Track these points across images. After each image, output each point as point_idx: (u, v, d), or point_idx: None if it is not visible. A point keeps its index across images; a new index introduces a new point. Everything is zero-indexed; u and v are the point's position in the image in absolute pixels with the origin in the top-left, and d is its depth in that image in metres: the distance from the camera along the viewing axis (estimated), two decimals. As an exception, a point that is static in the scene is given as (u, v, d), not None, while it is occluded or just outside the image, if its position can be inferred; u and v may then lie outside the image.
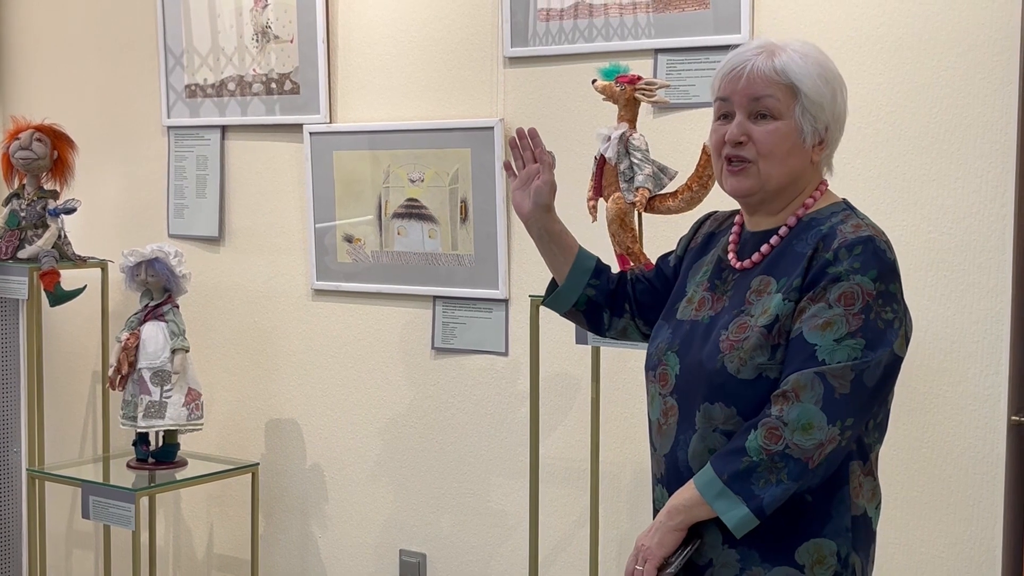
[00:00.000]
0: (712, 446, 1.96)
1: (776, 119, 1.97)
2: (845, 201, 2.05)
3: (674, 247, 2.32)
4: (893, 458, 3.00)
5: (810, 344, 1.87)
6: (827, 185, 2.07)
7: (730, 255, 2.09)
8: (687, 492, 1.93)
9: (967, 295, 2.91)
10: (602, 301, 2.28)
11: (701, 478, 1.91)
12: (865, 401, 1.88)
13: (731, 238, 2.11)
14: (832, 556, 1.91)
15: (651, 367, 2.13)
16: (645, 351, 2.18)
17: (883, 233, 1.97)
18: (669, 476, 2.04)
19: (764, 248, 2.02)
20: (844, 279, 1.88)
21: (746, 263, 2.04)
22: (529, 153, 2.24)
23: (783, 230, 2.01)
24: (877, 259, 1.89)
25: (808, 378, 1.85)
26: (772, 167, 1.99)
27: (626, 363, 3.30)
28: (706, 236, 2.21)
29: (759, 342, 1.93)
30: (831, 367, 1.85)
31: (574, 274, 2.27)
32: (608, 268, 2.33)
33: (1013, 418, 2.87)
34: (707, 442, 1.96)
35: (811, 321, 1.88)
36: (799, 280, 1.92)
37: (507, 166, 2.29)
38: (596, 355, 3.13)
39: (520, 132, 2.25)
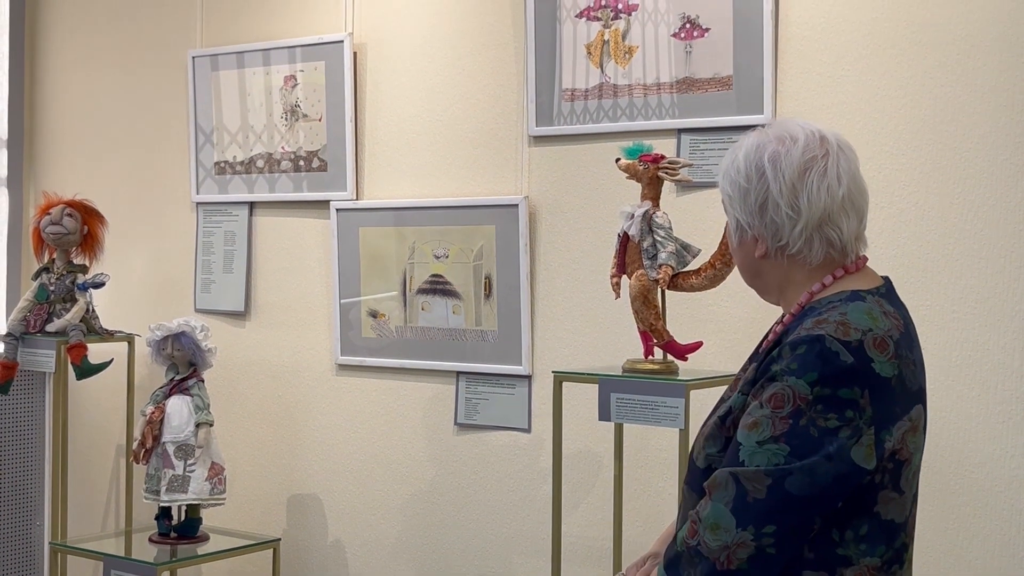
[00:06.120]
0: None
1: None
2: (853, 292, 1.89)
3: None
4: (917, 541, 2.96)
5: (738, 442, 1.81)
6: (852, 270, 1.93)
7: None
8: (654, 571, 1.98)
9: (992, 376, 2.89)
10: None
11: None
12: (791, 509, 1.76)
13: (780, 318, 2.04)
14: None
15: None
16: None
17: (860, 332, 1.79)
18: None
19: (771, 334, 1.97)
20: (779, 379, 1.79)
21: (764, 345, 1.99)
22: None
23: (787, 317, 1.94)
24: (821, 361, 1.76)
25: (723, 477, 1.80)
26: (735, 261, 2.03)
27: (649, 441, 3.29)
28: None
29: (712, 432, 1.92)
30: (745, 469, 1.77)
31: None
32: None
33: (1040, 500, 2.84)
34: (682, 521, 1.94)
35: (745, 418, 1.82)
36: (753, 373, 1.87)
37: None
38: (619, 432, 3.12)
39: None
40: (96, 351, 3.92)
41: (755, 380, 1.85)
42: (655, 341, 2.90)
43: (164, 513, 3.73)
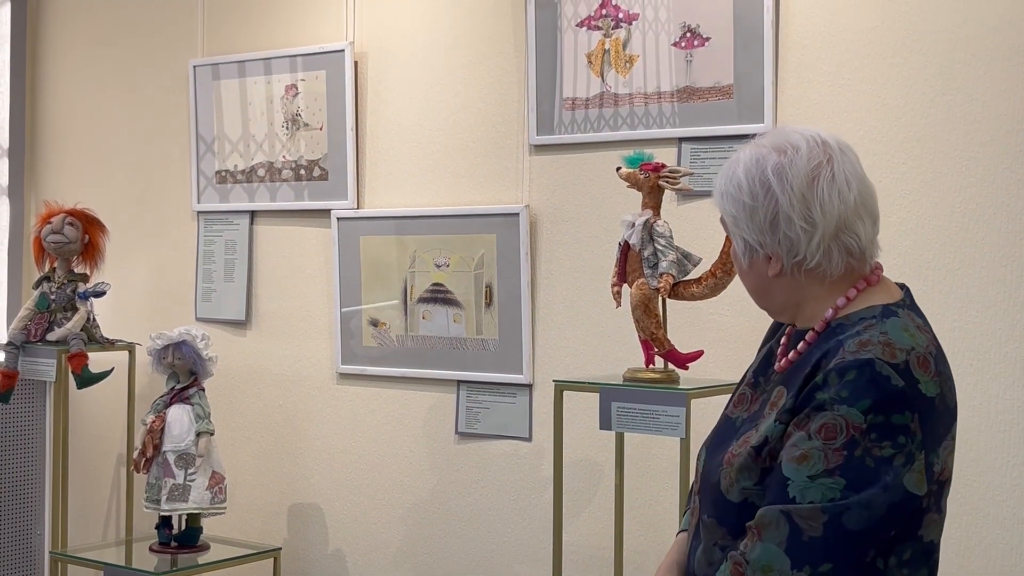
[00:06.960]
0: (712, 560, 1.83)
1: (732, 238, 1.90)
2: (884, 307, 1.80)
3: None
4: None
5: (784, 477, 1.70)
6: (874, 280, 1.85)
7: (779, 350, 1.93)
8: None
9: (993, 385, 2.89)
10: None
11: None
12: (849, 545, 1.66)
13: (787, 330, 1.95)
14: None
15: (696, 459, 2.02)
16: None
17: (905, 352, 1.71)
18: None
19: (792, 354, 1.86)
20: (828, 408, 1.68)
21: (783, 363, 1.88)
22: None
23: (810, 335, 1.83)
24: (874, 387, 1.66)
25: (773, 516, 1.68)
26: (744, 283, 1.93)
27: (650, 449, 3.29)
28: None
29: (746, 463, 1.79)
30: (798, 507, 1.66)
31: None
32: None
33: (1042, 509, 2.84)
34: (708, 555, 1.85)
35: (790, 451, 1.71)
36: (792, 401, 1.76)
37: None
38: (620, 441, 3.11)
39: None
40: (97, 360, 3.91)
41: (795, 408, 1.75)
42: (656, 350, 2.90)
43: (165, 522, 3.72)
